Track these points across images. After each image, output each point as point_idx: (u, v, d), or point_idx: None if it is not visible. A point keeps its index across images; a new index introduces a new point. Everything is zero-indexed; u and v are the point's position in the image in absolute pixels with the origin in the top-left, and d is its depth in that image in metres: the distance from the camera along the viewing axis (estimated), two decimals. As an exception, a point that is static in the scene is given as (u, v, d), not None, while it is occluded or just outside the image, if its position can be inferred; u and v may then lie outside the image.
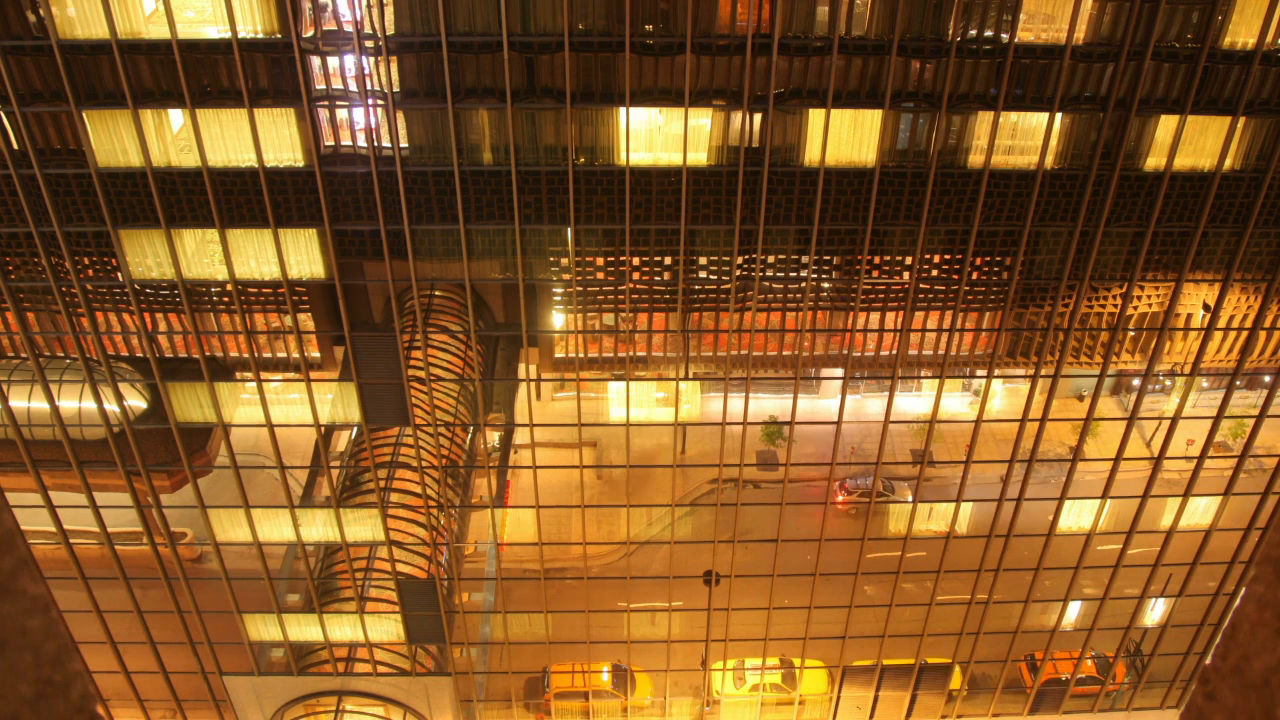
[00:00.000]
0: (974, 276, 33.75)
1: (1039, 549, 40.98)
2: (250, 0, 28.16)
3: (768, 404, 42.90)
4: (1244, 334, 35.76)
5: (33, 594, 2.89)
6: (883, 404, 36.95)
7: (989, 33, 29.44)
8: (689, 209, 31.70)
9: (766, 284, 33.59)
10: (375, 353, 34.79)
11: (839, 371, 36.23)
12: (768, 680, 45.63)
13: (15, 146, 30.35)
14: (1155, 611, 44.56)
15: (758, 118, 30.46)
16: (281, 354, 35.41)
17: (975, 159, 31.44)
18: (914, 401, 43.56)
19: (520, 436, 40.13)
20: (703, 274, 33.42)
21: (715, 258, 33.01)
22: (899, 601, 42.22)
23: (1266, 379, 37.45)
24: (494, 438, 40.85)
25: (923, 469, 39.26)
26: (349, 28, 28.85)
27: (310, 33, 28.95)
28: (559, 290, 33.97)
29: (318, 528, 38.95)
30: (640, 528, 44.43)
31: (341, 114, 30.60)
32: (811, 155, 31.15)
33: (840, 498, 46.35)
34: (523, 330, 34.47)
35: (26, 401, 35.94)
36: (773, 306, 34.32)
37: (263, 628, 41.66)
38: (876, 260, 33.28)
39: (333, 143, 30.87)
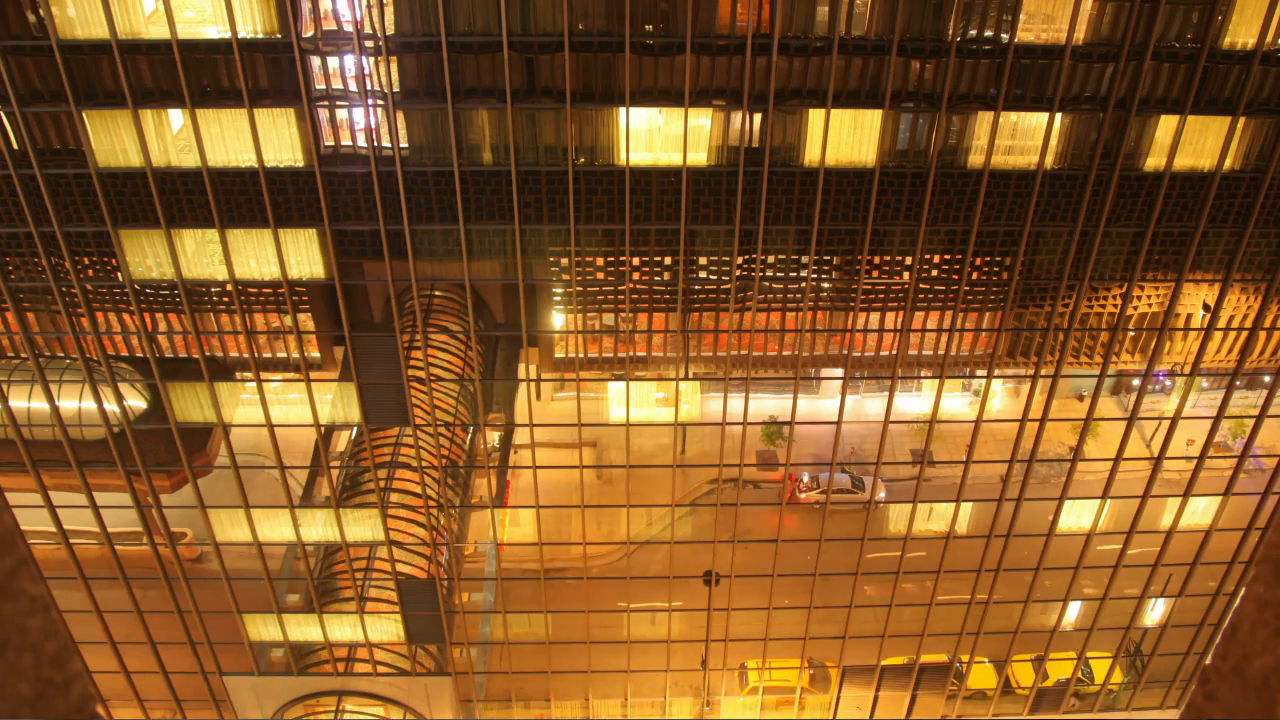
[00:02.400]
0: (974, 276, 33.75)
1: (1039, 549, 40.99)
2: (250, 0, 28.15)
3: (768, 404, 42.88)
4: (1244, 334, 35.76)
5: (33, 594, 2.89)
6: (883, 404, 36.96)
7: (989, 33, 29.44)
8: (689, 209, 31.70)
9: (766, 284, 33.59)
10: (375, 353, 34.79)
11: (839, 371, 36.23)
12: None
13: (15, 146, 30.35)
14: (1155, 611, 44.56)
15: (758, 118, 30.46)
16: (281, 354, 35.41)
17: (975, 159, 31.44)
18: (914, 401, 43.54)
19: (520, 436, 40.13)
20: (703, 274, 33.42)
21: (715, 258, 33.01)
22: (899, 601, 42.24)
23: (1266, 379, 37.45)
24: (494, 438, 40.85)
25: (922, 469, 39.26)
26: (349, 28, 28.85)
27: (310, 33, 28.95)
28: (559, 290, 33.97)
29: (318, 528, 38.95)
30: (640, 528, 44.42)
31: (341, 114, 30.60)
32: (811, 155, 31.14)
33: (801, 495, 46.22)
34: (523, 330, 34.47)
35: (26, 401, 35.94)
36: (773, 306, 34.32)
37: (263, 628, 41.66)
38: (876, 260, 33.27)
39: (333, 143, 30.87)
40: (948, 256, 33.36)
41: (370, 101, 29.94)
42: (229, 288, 33.05)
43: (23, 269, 33.05)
